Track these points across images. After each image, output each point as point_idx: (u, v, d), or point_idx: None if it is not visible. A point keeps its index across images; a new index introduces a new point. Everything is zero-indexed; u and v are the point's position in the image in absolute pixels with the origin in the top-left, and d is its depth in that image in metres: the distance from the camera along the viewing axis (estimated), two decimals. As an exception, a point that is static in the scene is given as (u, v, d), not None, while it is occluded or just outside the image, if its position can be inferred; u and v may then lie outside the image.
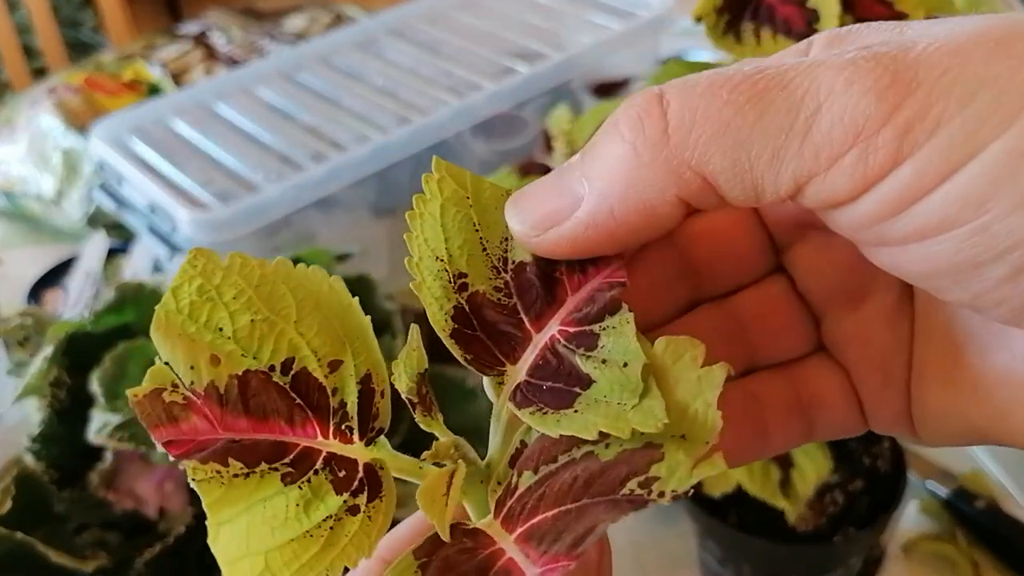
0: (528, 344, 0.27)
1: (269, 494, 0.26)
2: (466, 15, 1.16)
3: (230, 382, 0.27)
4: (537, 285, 0.27)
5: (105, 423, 0.57)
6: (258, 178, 0.90)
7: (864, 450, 0.65)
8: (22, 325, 0.68)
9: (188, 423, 0.27)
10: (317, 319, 0.27)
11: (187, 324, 0.27)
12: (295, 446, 0.27)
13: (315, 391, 0.27)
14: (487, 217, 0.28)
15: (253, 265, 0.28)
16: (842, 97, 0.23)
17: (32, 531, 0.55)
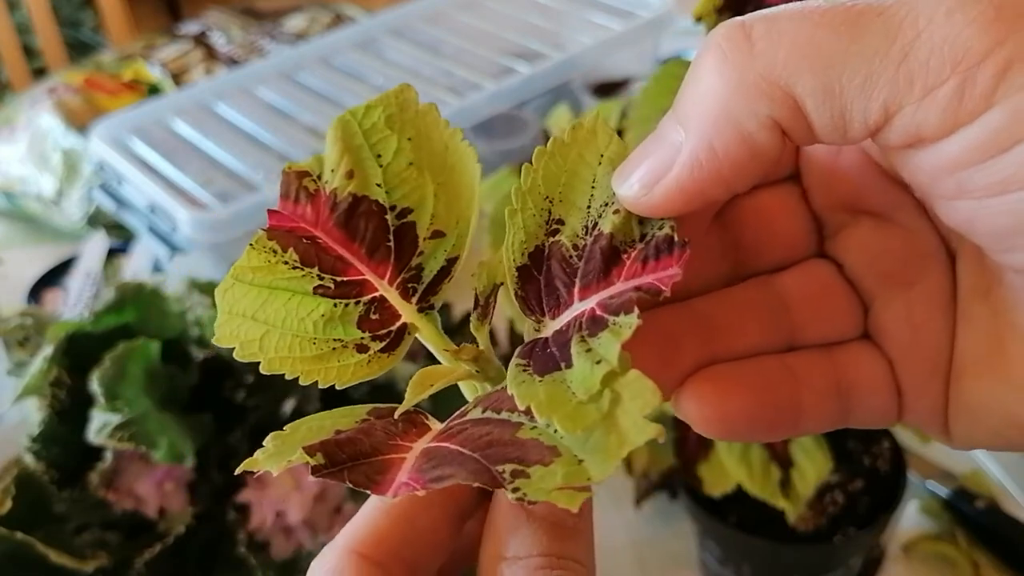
0: (567, 308, 0.27)
1: (299, 291, 0.29)
2: (466, 15, 1.16)
3: (347, 197, 0.29)
4: (599, 259, 0.27)
5: (105, 423, 0.57)
6: (258, 178, 0.90)
7: (864, 450, 0.65)
8: (22, 325, 0.68)
9: (301, 208, 0.30)
10: (450, 195, 0.29)
11: (358, 138, 0.29)
12: (357, 272, 0.29)
13: (410, 245, 0.29)
14: (606, 179, 0.28)
15: (440, 124, 0.30)
16: (943, 26, 0.22)
17: (32, 531, 0.55)
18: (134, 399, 0.58)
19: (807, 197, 0.31)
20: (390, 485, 0.24)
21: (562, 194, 0.28)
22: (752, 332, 0.30)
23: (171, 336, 0.63)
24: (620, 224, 0.27)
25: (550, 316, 0.28)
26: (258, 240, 0.29)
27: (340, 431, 0.27)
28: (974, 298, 0.29)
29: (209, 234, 0.83)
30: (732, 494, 0.59)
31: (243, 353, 0.28)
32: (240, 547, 0.59)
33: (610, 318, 0.25)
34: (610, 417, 0.23)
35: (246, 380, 0.63)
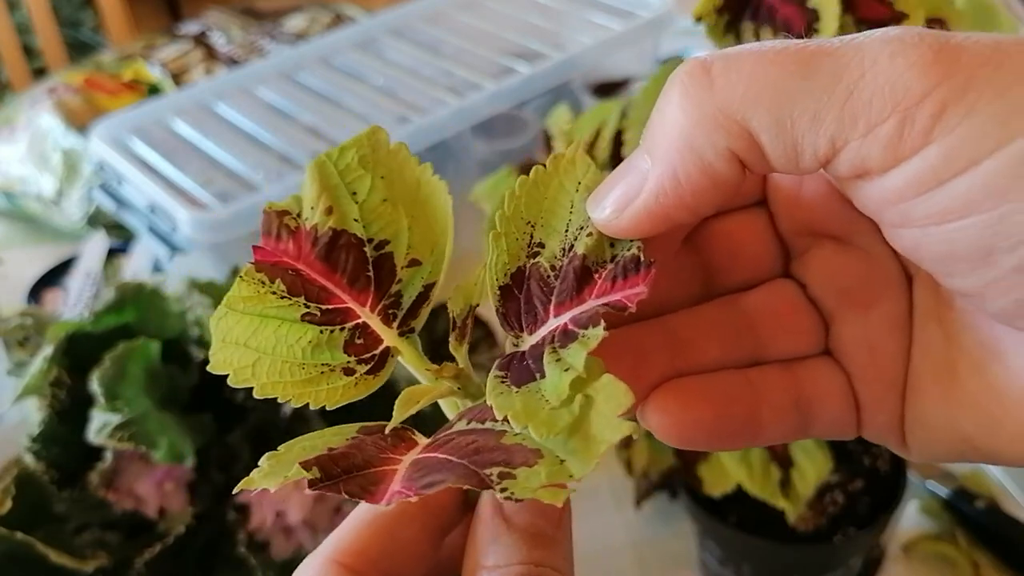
0: (543, 324, 0.29)
1: (288, 319, 0.31)
2: (466, 15, 1.16)
3: (327, 232, 0.31)
4: (573, 278, 0.29)
5: (105, 423, 0.57)
6: (258, 178, 0.90)
7: (864, 450, 0.65)
8: (22, 325, 0.68)
9: (283, 244, 0.32)
10: (424, 226, 0.32)
11: (334, 177, 0.32)
12: (340, 300, 0.31)
13: (388, 274, 0.31)
14: (582, 204, 0.29)
15: (411, 162, 0.32)
16: (886, 68, 0.23)
17: (32, 531, 0.55)
18: (134, 399, 0.58)
19: (774, 221, 0.33)
20: (384, 494, 0.25)
21: (543, 219, 0.30)
22: (717, 348, 0.31)
23: (171, 336, 0.63)
24: (593, 245, 0.29)
25: (528, 332, 0.29)
26: (247, 272, 0.31)
27: (332, 448, 0.28)
28: (928, 320, 0.30)
29: (209, 234, 0.84)
30: (732, 494, 0.59)
31: (237, 379, 0.30)
32: (240, 547, 0.59)
33: (580, 331, 0.27)
34: (582, 419, 0.25)
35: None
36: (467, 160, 1.01)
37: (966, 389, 0.28)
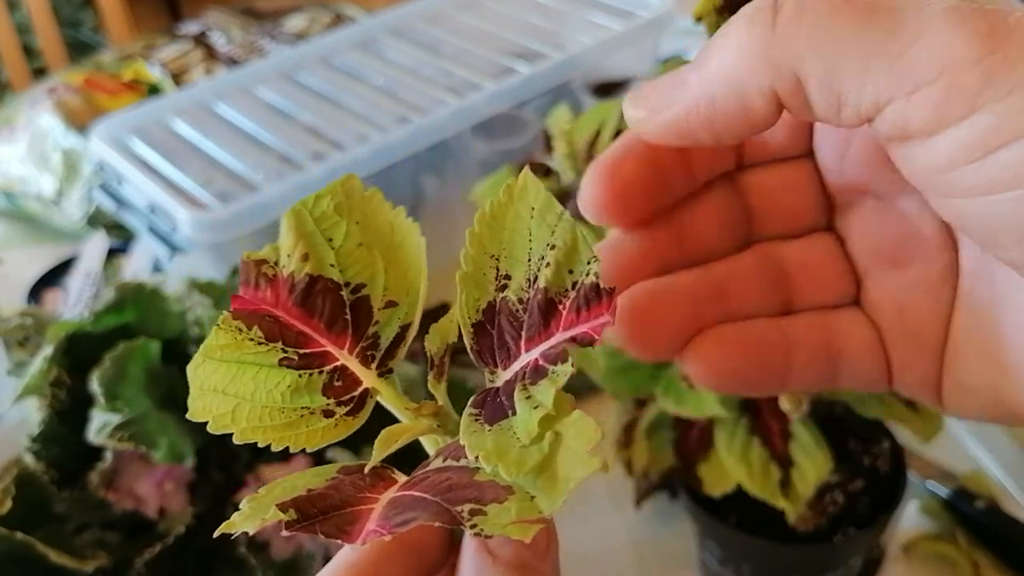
0: (515, 359, 0.29)
1: (266, 364, 0.31)
2: (466, 15, 1.16)
3: (304, 278, 0.32)
4: (538, 312, 0.29)
5: (105, 423, 0.57)
6: (258, 178, 0.90)
7: (864, 450, 0.65)
8: (22, 325, 0.68)
9: (262, 292, 0.32)
10: (399, 268, 0.32)
11: (310, 224, 0.32)
12: (318, 344, 0.31)
13: (365, 316, 0.32)
14: (540, 231, 0.30)
15: (385, 207, 0.33)
16: (941, 32, 0.24)
17: (32, 531, 0.55)
18: (134, 399, 0.58)
19: (820, 174, 0.33)
20: (359, 533, 0.26)
21: (506, 250, 0.30)
22: (755, 296, 0.33)
23: (171, 336, 0.63)
24: (552, 277, 0.29)
25: (502, 367, 0.30)
26: (224, 320, 0.32)
27: (312, 489, 0.28)
28: (975, 282, 0.30)
29: (209, 234, 0.84)
30: (732, 494, 0.59)
31: (216, 426, 0.30)
32: (240, 547, 0.59)
33: (549, 367, 0.27)
34: (551, 457, 0.26)
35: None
36: (467, 160, 1.01)
37: (1011, 353, 0.28)
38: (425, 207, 1.01)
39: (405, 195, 0.98)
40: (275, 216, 0.86)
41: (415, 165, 0.97)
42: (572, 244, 0.29)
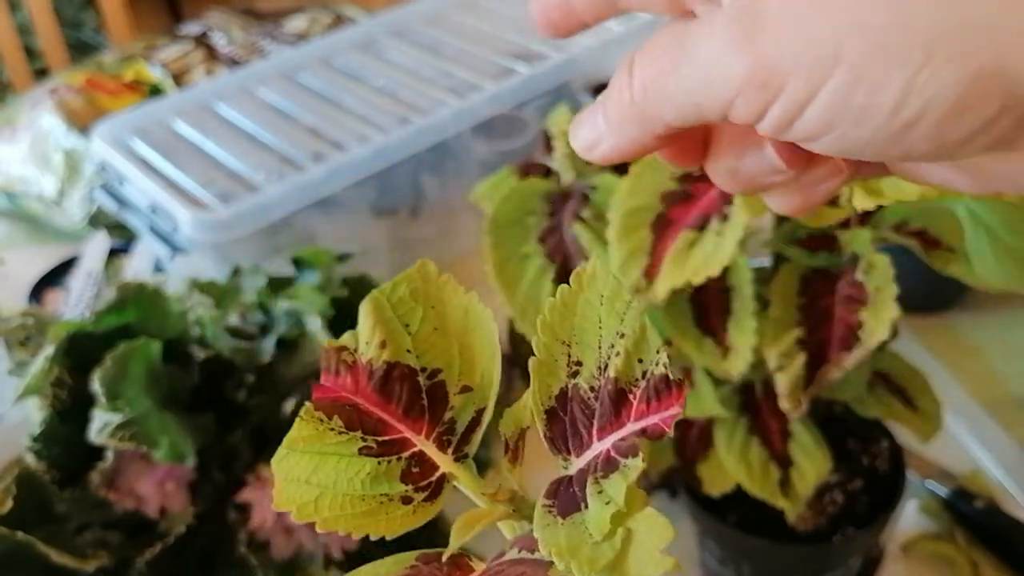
0: (588, 448, 0.30)
1: (347, 454, 0.32)
2: (466, 16, 1.16)
3: (382, 365, 0.33)
4: (609, 402, 0.29)
5: (106, 423, 0.57)
6: (259, 178, 0.90)
7: (863, 450, 0.65)
8: (23, 325, 0.68)
9: (342, 379, 0.33)
10: (473, 353, 0.33)
11: (387, 310, 0.33)
12: (396, 431, 0.32)
13: (441, 401, 0.32)
14: (609, 319, 0.30)
15: (459, 291, 0.34)
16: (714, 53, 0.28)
17: (33, 531, 0.55)
18: (135, 399, 0.58)
19: None
20: None
21: (576, 337, 0.31)
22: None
23: (172, 336, 0.63)
24: (622, 366, 0.29)
25: (575, 455, 0.30)
26: (306, 412, 0.33)
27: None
28: None
29: (210, 234, 0.84)
30: (732, 494, 0.60)
31: (300, 515, 0.31)
32: (241, 547, 0.59)
33: (621, 460, 0.28)
34: (623, 555, 0.26)
35: (247, 380, 0.64)
36: (468, 160, 1.02)
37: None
38: (425, 207, 1.01)
39: (405, 195, 0.99)
40: (276, 216, 0.86)
41: (415, 165, 0.97)
42: (641, 333, 0.29)
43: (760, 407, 0.59)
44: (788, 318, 0.55)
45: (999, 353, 0.89)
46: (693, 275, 0.51)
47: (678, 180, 0.54)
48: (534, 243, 0.60)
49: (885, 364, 0.62)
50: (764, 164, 0.32)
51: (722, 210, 0.52)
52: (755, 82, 0.27)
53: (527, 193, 0.63)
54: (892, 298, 0.51)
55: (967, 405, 0.83)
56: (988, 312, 0.93)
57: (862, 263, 0.54)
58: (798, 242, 0.57)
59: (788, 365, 0.53)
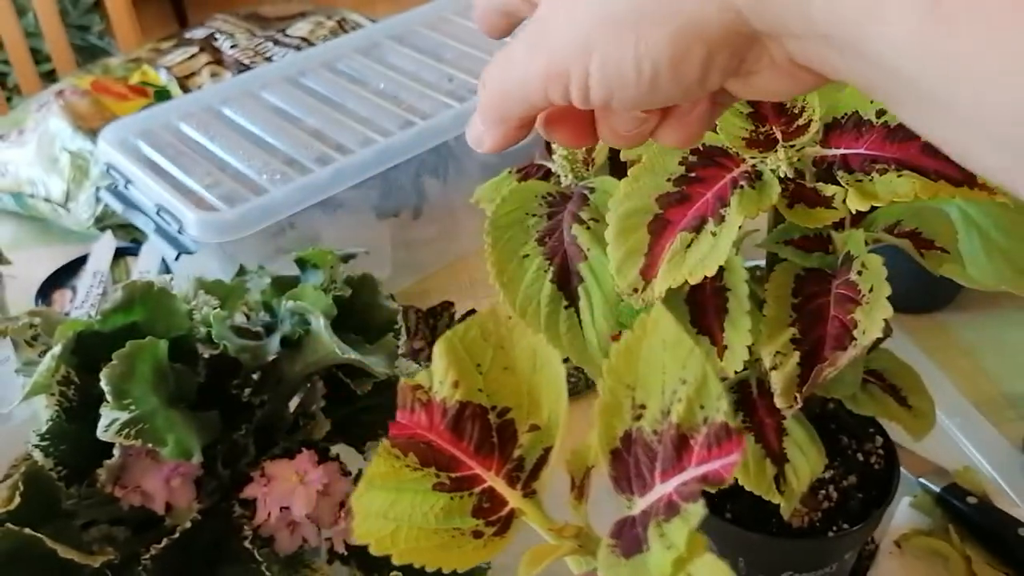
0: (651, 489, 0.31)
1: (421, 489, 0.33)
2: (466, 20, 1.17)
3: (455, 404, 0.34)
4: (671, 446, 0.30)
5: (114, 420, 0.58)
6: (263, 180, 0.91)
7: (857, 447, 0.66)
8: (31, 324, 0.69)
9: (417, 416, 0.35)
10: (540, 392, 0.34)
11: (460, 351, 0.35)
12: (468, 467, 0.34)
13: (510, 439, 0.34)
14: (672, 365, 0.31)
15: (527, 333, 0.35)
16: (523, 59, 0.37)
17: (40, 527, 0.56)
18: (142, 397, 0.59)
19: None
20: None
21: (640, 381, 0.32)
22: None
23: (178, 335, 0.64)
24: (684, 412, 0.30)
25: (639, 495, 0.31)
26: (383, 449, 0.34)
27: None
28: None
29: (216, 235, 0.85)
30: (728, 489, 0.60)
31: (379, 548, 0.33)
32: (246, 542, 0.60)
33: (682, 504, 0.29)
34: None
35: (252, 378, 0.65)
36: (469, 162, 1.03)
37: None
38: (427, 209, 1.02)
39: (408, 197, 1.00)
40: (280, 218, 0.87)
41: (417, 167, 0.98)
42: (702, 379, 0.30)
43: (755, 405, 0.60)
44: (783, 317, 0.55)
45: (991, 352, 0.90)
46: (689, 275, 0.52)
47: (675, 182, 0.55)
48: (533, 244, 0.61)
49: (879, 363, 0.63)
50: (630, 119, 0.39)
51: (718, 212, 0.53)
52: (551, 75, 0.35)
53: (527, 194, 0.64)
54: (885, 298, 0.52)
55: (959, 403, 0.84)
56: (980, 312, 0.94)
57: (856, 263, 0.54)
58: (793, 243, 0.58)
59: (783, 364, 0.54)
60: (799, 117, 0.53)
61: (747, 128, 0.54)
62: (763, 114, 0.54)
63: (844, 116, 0.53)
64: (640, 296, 0.53)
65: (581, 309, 0.58)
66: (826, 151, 0.53)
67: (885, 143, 0.51)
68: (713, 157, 0.54)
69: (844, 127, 0.53)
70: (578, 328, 0.58)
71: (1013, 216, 0.62)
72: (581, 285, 0.59)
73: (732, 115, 0.54)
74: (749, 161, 0.53)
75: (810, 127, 0.53)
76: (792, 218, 0.52)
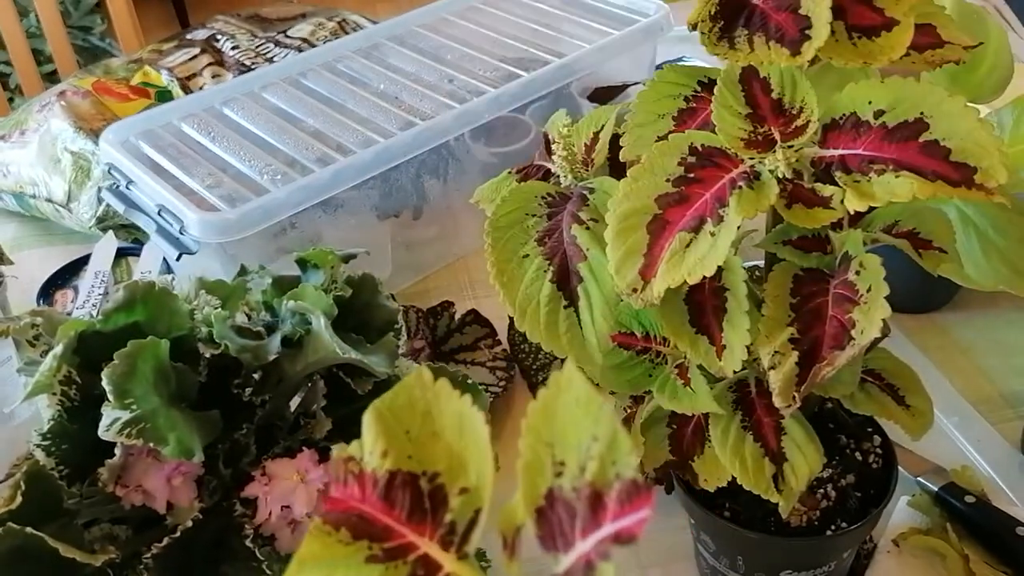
0: (572, 548, 0.31)
1: (354, 563, 0.33)
2: (466, 22, 1.18)
3: (385, 473, 0.34)
4: (587, 504, 0.30)
5: (115, 419, 0.58)
6: (264, 181, 0.91)
7: (855, 446, 0.66)
8: (33, 324, 0.70)
9: (350, 489, 0.35)
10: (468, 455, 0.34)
11: (388, 418, 0.35)
12: (401, 535, 0.34)
13: (442, 503, 0.34)
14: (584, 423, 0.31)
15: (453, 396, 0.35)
16: None
17: (42, 526, 0.56)
18: (144, 396, 0.59)
19: None
20: None
21: (558, 438, 0.32)
22: None
23: (180, 335, 0.64)
24: (598, 470, 0.30)
25: (563, 552, 0.31)
26: (315, 527, 0.34)
27: None
28: None
29: (217, 235, 0.85)
30: (726, 488, 0.61)
31: None
32: (247, 540, 0.60)
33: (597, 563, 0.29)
34: None
35: (253, 378, 0.65)
36: (469, 163, 1.03)
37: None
38: (427, 209, 1.02)
39: (408, 197, 1.00)
40: (281, 218, 0.88)
41: (417, 168, 0.99)
42: (612, 436, 0.30)
43: (754, 404, 0.60)
44: (781, 317, 0.56)
45: (988, 351, 0.90)
46: (688, 275, 0.52)
47: (674, 183, 0.55)
48: (533, 244, 0.61)
49: (877, 362, 0.63)
50: None
51: (717, 212, 0.53)
52: None
53: (527, 195, 0.64)
54: (883, 297, 0.52)
55: (957, 402, 0.84)
56: (977, 311, 0.94)
57: (854, 263, 0.55)
58: (791, 243, 0.58)
59: (781, 363, 0.54)
60: (797, 118, 0.54)
61: (745, 129, 0.54)
62: (761, 115, 0.55)
63: (842, 117, 0.53)
64: (639, 296, 0.54)
65: (580, 309, 0.58)
66: (824, 152, 0.53)
67: (883, 144, 0.51)
68: (712, 158, 0.55)
69: (842, 128, 0.53)
70: (577, 328, 0.58)
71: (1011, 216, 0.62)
72: (581, 285, 0.59)
73: (731, 115, 0.55)
74: (747, 162, 0.53)
75: (808, 128, 0.53)
76: (790, 218, 0.52)
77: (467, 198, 0.78)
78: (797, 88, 0.55)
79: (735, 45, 0.53)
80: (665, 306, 0.56)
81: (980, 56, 0.72)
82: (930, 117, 0.50)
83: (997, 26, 0.71)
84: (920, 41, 0.55)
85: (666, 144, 0.56)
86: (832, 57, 0.51)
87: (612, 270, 0.54)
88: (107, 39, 2.29)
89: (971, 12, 0.69)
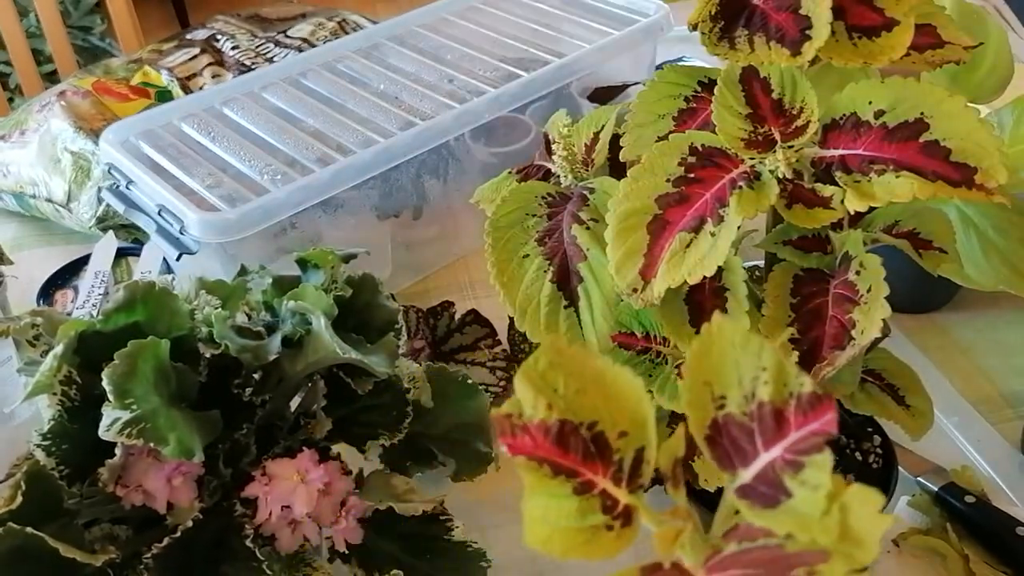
0: (755, 458, 0.36)
1: (562, 494, 0.37)
2: (466, 22, 1.18)
3: (555, 422, 0.38)
4: (770, 419, 0.36)
5: (115, 419, 0.58)
6: (264, 181, 0.91)
7: (855, 446, 0.66)
8: (33, 324, 0.70)
9: (519, 439, 0.38)
10: (620, 402, 0.38)
11: (537, 379, 0.39)
12: (583, 474, 0.38)
13: (605, 447, 0.38)
14: (746, 360, 0.37)
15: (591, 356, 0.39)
16: None
17: (42, 526, 0.56)
18: (144, 396, 0.59)
19: None
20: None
21: (716, 377, 0.37)
22: None
23: (180, 335, 0.64)
24: (773, 392, 0.36)
25: (742, 467, 0.36)
26: (522, 464, 0.38)
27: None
28: None
29: (217, 235, 0.85)
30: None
31: (545, 550, 0.36)
32: (247, 540, 0.60)
33: (804, 458, 0.34)
34: (846, 523, 0.32)
35: (253, 378, 0.65)
36: (469, 163, 1.03)
37: None
38: (428, 209, 1.02)
39: (408, 197, 1.00)
40: (281, 218, 0.88)
41: (418, 168, 0.99)
42: (779, 365, 0.36)
43: (754, 404, 0.60)
44: (781, 317, 0.56)
45: (988, 351, 0.91)
46: (688, 275, 0.52)
47: (674, 183, 0.55)
48: (533, 244, 0.61)
49: (877, 362, 0.63)
50: None
51: (717, 212, 0.53)
52: None
53: (527, 195, 0.64)
54: (883, 297, 0.52)
55: (957, 402, 0.84)
56: (977, 311, 0.94)
57: (854, 263, 0.55)
58: (791, 243, 0.58)
59: (781, 363, 0.54)
60: (797, 118, 0.54)
61: (746, 129, 0.54)
62: (762, 115, 0.55)
63: (842, 117, 0.53)
64: (639, 296, 0.54)
65: (581, 309, 0.58)
66: (824, 152, 0.53)
67: (883, 144, 0.51)
68: (712, 158, 0.55)
69: (842, 128, 0.53)
70: (578, 328, 0.58)
71: (1011, 217, 0.62)
72: (581, 285, 0.59)
73: (731, 115, 0.55)
74: (748, 162, 0.53)
75: (808, 128, 0.53)
76: (790, 218, 0.52)
77: (467, 198, 0.78)
78: (797, 88, 0.55)
79: (735, 45, 0.53)
80: (665, 306, 0.56)
81: (980, 56, 0.72)
82: (930, 117, 0.51)
83: (997, 26, 0.71)
84: (920, 41, 0.56)
85: (666, 144, 0.56)
86: (832, 57, 0.51)
87: (612, 270, 0.54)
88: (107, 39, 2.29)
89: (971, 12, 0.69)
